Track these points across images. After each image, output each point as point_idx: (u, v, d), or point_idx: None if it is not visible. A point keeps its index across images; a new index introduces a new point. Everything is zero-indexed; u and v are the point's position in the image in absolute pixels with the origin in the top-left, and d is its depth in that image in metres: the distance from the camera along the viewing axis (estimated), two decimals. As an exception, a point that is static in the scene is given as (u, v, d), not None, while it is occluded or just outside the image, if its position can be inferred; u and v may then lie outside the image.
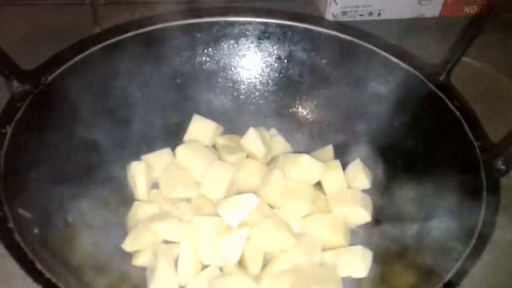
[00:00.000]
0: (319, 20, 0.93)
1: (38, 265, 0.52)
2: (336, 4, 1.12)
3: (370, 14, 1.15)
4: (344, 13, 1.14)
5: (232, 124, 0.85)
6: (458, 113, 0.68)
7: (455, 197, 0.63)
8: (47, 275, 0.51)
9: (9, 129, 0.62)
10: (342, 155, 0.81)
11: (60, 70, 0.70)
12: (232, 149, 0.79)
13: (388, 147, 0.77)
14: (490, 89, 0.98)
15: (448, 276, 0.54)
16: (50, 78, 0.69)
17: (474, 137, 0.65)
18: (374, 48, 0.78)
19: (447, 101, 0.69)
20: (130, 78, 0.78)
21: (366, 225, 0.74)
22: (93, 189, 0.70)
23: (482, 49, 0.75)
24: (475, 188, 0.61)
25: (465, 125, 0.66)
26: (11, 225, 0.54)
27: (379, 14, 1.15)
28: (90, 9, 1.10)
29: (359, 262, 0.68)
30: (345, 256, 0.69)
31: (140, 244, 0.69)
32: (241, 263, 0.69)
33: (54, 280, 0.51)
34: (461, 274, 0.53)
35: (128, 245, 0.69)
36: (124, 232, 0.71)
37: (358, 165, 0.78)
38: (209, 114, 0.83)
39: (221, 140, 0.82)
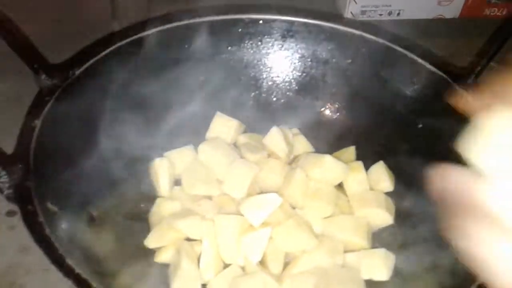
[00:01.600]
0: (344, 19, 0.92)
1: (68, 260, 0.52)
2: (356, 3, 1.12)
3: (390, 14, 1.15)
4: (363, 12, 1.13)
5: (254, 122, 0.84)
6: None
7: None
8: (77, 270, 0.51)
9: (38, 123, 0.62)
10: (364, 157, 0.80)
11: (88, 64, 0.70)
12: (254, 147, 0.79)
13: (412, 151, 0.77)
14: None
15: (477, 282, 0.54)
16: (78, 72, 0.69)
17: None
18: (399, 49, 0.77)
19: (475, 105, 0.68)
20: (155, 74, 0.78)
21: (389, 227, 0.74)
22: (117, 184, 0.71)
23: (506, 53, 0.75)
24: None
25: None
26: (41, 219, 0.54)
27: (398, 14, 1.15)
28: (108, 4, 1.10)
29: (381, 265, 0.68)
30: (367, 259, 0.69)
31: (163, 241, 0.69)
32: (262, 263, 0.69)
33: (84, 275, 0.51)
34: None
35: (151, 242, 0.69)
36: (146, 229, 0.71)
37: (381, 167, 0.78)
38: (231, 112, 0.82)
39: (243, 139, 0.82)
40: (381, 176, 0.77)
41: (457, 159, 0.68)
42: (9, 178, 0.56)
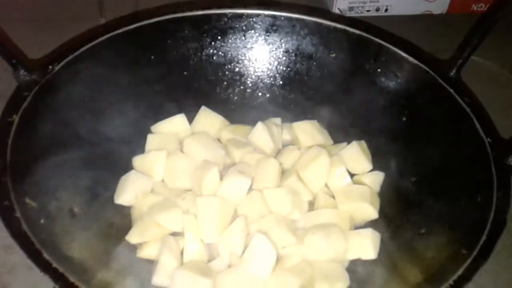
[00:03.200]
0: (328, 13, 0.92)
1: (45, 255, 0.51)
2: (343, -1, 1.11)
3: (377, 10, 1.15)
4: (351, 8, 1.13)
5: (239, 117, 0.84)
6: (468, 109, 0.67)
7: (465, 194, 0.62)
8: (54, 264, 0.51)
9: (16, 118, 0.61)
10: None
11: (67, 60, 0.69)
12: (239, 143, 0.78)
13: (395, 144, 0.77)
14: (497, 87, 0.98)
15: (458, 273, 0.53)
16: (57, 68, 0.68)
17: (485, 133, 0.64)
18: (383, 43, 0.77)
19: (457, 97, 0.69)
20: (136, 69, 0.77)
21: (374, 222, 0.73)
22: (98, 179, 0.70)
23: (488, 47, 0.74)
24: (486, 185, 0.60)
25: (475, 121, 0.66)
26: (18, 214, 0.54)
27: (386, 10, 1.15)
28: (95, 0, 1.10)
29: (368, 244, 0.68)
30: (354, 239, 0.69)
31: (145, 236, 0.69)
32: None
33: (61, 270, 0.50)
34: (471, 271, 0.53)
35: (133, 237, 0.69)
36: (128, 224, 0.71)
37: (355, 147, 0.77)
38: (216, 107, 0.82)
39: (227, 134, 0.81)
40: (358, 157, 0.77)
41: (441, 150, 0.70)
42: (-16, 174, 0.55)
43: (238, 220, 0.67)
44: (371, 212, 0.73)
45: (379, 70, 0.78)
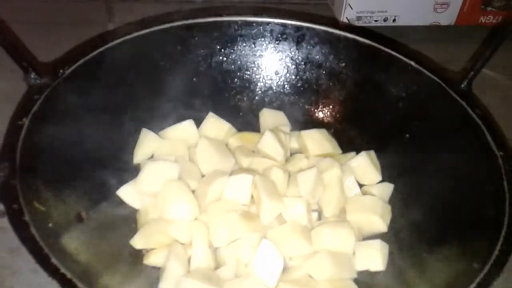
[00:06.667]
0: (338, 23, 0.92)
1: (54, 260, 0.51)
2: (351, 8, 1.11)
3: (385, 20, 1.15)
4: (359, 18, 1.13)
5: (246, 124, 0.84)
6: (480, 122, 0.67)
7: (477, 207, 0.62)
8: (62, 270, 0.50)
9: (26, 121, 0.61)
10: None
11: (77, 64, 0.69)
12: (247, 150, 0.78)
13: (406, 155, 0.76)
14: (506, 99, 0.98)
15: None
16: (67, 72, 0.68)
17: (496, 146, 0.64)
18: (394, 53, 0.77)
19: (468, 109, 0.68)
20: (146, 75, 0.77)
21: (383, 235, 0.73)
22: (106, 184, 0.70)
23: (496, 59, 0.74)
24: (497, 198, 0.60)
25: (487, 133, 0.65)
26: (26, 218, 0.53)
27: (394, 20, 1.15)
28: (103, 5, 1.10)
29: (376, 256, 0.67)
30: (362, 250, 0.68)
31: (151, 243, 0.68)
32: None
33: (69, 275, 0.50)
34: (483, 286, 0.52)
35: (137, 242, 0.68)
36: (135, 229, 0.70)
37: (365, 158, 0.77)
38: (224, 113, 0.82)
39: (235, 141, 0.81)
40: (367, 168, 0.76)
41: (452, 163, 0.69)
42: (-5, 177, 0.55)
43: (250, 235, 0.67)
44: (381, 226, 0.72)
45: (389, 80, 0.78)
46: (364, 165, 0.76)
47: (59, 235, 0.58)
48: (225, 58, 0.84)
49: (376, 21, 1.14)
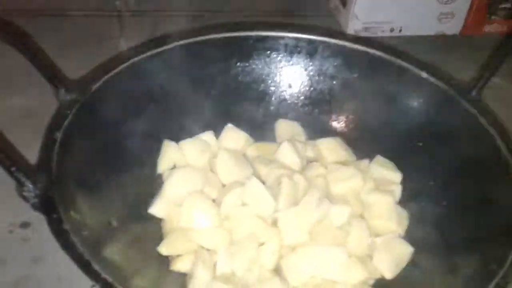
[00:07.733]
0: (350, 36, 0.95)
1: (94, 265, 0.53)
2: (358, 19, 1.15)
3: (392, 30, 1.18)
4: (365, 29, 1.16)
5: (263, 135, 0.87)
6: (492, 130, 0.68)
7: (490, 219, 0.64)
8: (103, 275, 0.53)
9: (59, 135, 0.64)
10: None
11: (104, 79, 0.72)
12: (266, 161, 0.81)
13: (418, 164, 0.78)
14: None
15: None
16: (95, 87, 0.71)
17: (510, 154, 0.65)
18: (405, 64, 0.80)
19: (480, 117, 0.70)
20: (167, 88, 0.80)
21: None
22: (133, 193, 0.73)
23: (506, 68, 0.77)
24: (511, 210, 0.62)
25: (499, 141, 0.67)
26: (66, 226, 0.56)
27: (400, 31, 1.18)
28: (115, 20, 1.13)
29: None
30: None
31: (177, 249, 0.71)
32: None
33: (110, 279, 0.53)
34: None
35: (164, 249, 0.70)
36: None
37: (379, 162, 0.80)
38: (241, 124, 0.85)
39: (252, 151, 0.84)
40: (384, 172, 0.79)
41: (464, 172, 0.71)
42: (34, 188, 0.58)
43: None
44: (396, 230, 0.74)
45: (401, 90, 0.81)
46: (381, 169, 0.79)
47: (93, 243, 0.60)
48: (241, 71, 0.87)
49: (382, 31, 1.17)
